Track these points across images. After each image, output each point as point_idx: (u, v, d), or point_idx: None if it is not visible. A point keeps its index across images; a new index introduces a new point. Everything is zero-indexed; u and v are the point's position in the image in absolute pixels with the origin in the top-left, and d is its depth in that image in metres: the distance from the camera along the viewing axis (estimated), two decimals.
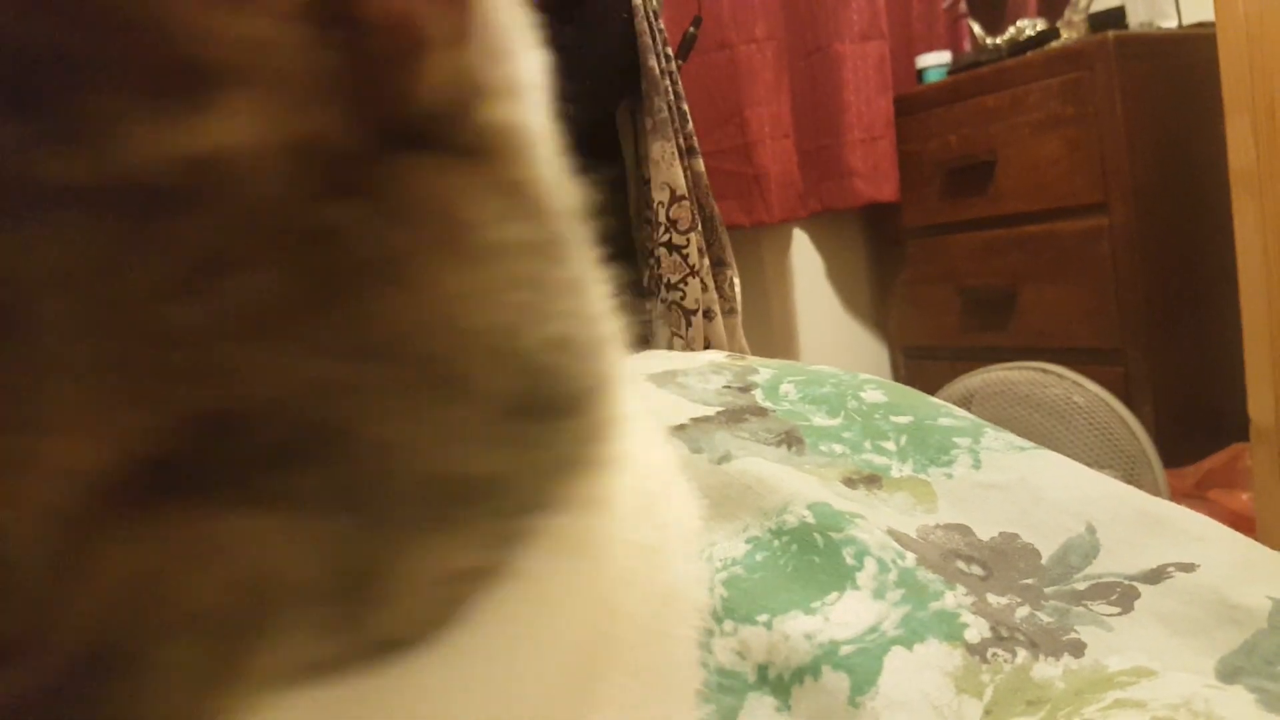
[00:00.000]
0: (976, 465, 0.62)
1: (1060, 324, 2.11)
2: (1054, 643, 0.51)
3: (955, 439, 0.64)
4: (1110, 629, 0.51)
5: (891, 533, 0.55)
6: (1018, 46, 2.10)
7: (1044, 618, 0.53)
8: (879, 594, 0.51)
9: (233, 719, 0.18)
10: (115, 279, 0.16)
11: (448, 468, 0.19)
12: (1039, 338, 2.14)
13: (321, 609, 0.18)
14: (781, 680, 0.50)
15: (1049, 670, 0.49)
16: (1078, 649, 0.50)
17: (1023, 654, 0.50)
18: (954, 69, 2.21)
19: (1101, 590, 0.54)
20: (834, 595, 0.52)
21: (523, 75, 0.23)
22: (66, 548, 0.16)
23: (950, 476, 0.62)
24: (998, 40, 2.18)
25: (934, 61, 2.24)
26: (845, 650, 0.49)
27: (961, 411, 0.68)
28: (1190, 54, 1.91)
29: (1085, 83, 1.95)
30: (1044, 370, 1.93)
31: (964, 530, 0.59)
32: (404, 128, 0.20)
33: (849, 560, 0.53)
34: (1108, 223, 1.97)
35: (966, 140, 2.15)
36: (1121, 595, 0.53)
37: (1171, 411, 1.97)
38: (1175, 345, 2.01)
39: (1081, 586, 0.55)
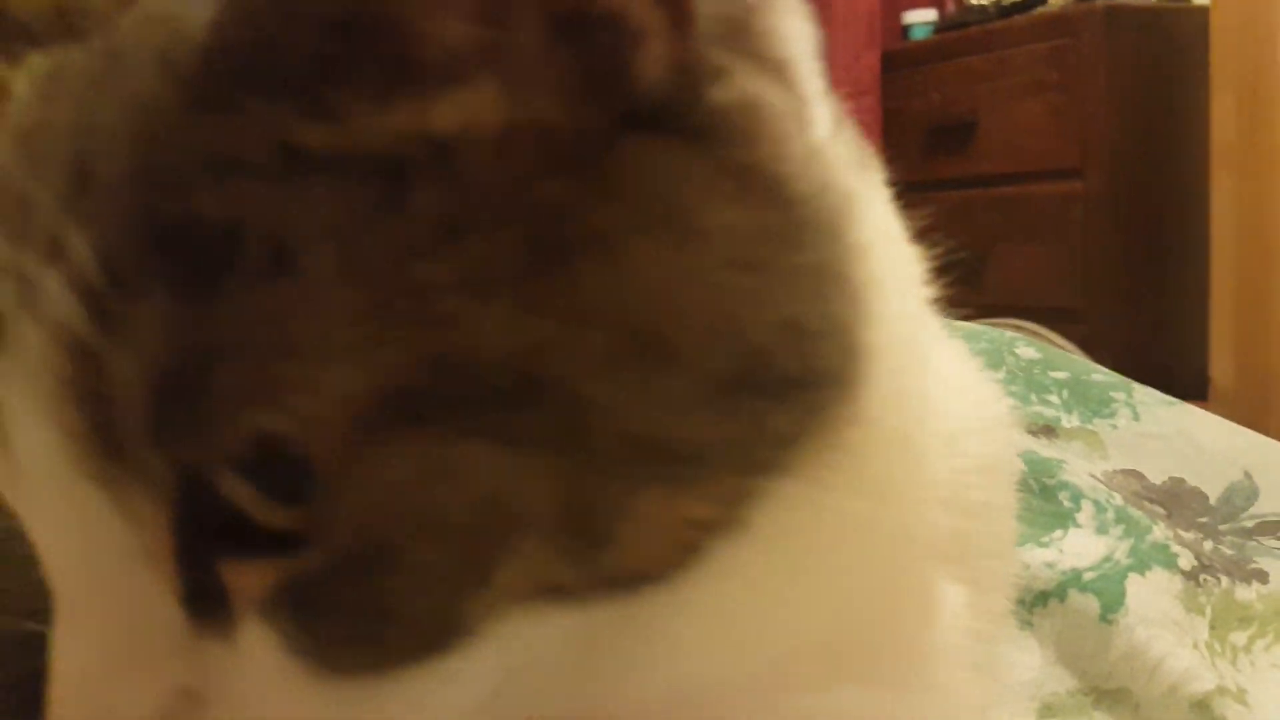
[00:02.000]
0: (1136, 417, 0.72)
1: (1027, 284, 2.24)
2: (1242, 571, 0.61)
3: (1111, 393, 0.74)
4: None
5: (1093, 475, 0.65)
6: (1005, 9, 2.21)
7: (1226, 550, 0.63)
8: (1101, 530, 0.61)
9: (487, 625, 0.22)
10: (370, 235, 0.20)
11: (657, 430, 0.22)
12: (1006, 296, 2.27)
13: (554, 538, 0.22)
14: (1022, 603, 0.59)
15: (1246, 594, 0.59)
16: (1263, 577, 0.61)
17: (1225, 580, 0.60)
18: (941, 27, 2.31)
19: (1268, 528, 0.65)
20: (1059, 532, 0.61)
21: (773, 53, 0.25)
22: (337, 457, 0.20)
23: (1115, 428, 0.71)
24: (983, 1, 2.28)
25: (920, 19, 2.33)
26: (1088, 576, 0.58)
27: (1105, 369, 0.78)
28: (1175, 27, 2.05)
29: (1071, 50, 2.07)
30: (1018, 327, 2.06)
31: (1138, 475, 0.69)
32: (637, 111, 0.22)
33: (1065, 503, 0.62)
34: (1082, 188, 2.11)
35: (950, 100, 2.27)
36: None
37: (1128, 371, 2.13)
38: (1136, 308, 2.16)
39: (1250, 525, 0.65)
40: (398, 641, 0.22)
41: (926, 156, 2.33)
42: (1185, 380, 2.05)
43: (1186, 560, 0.61)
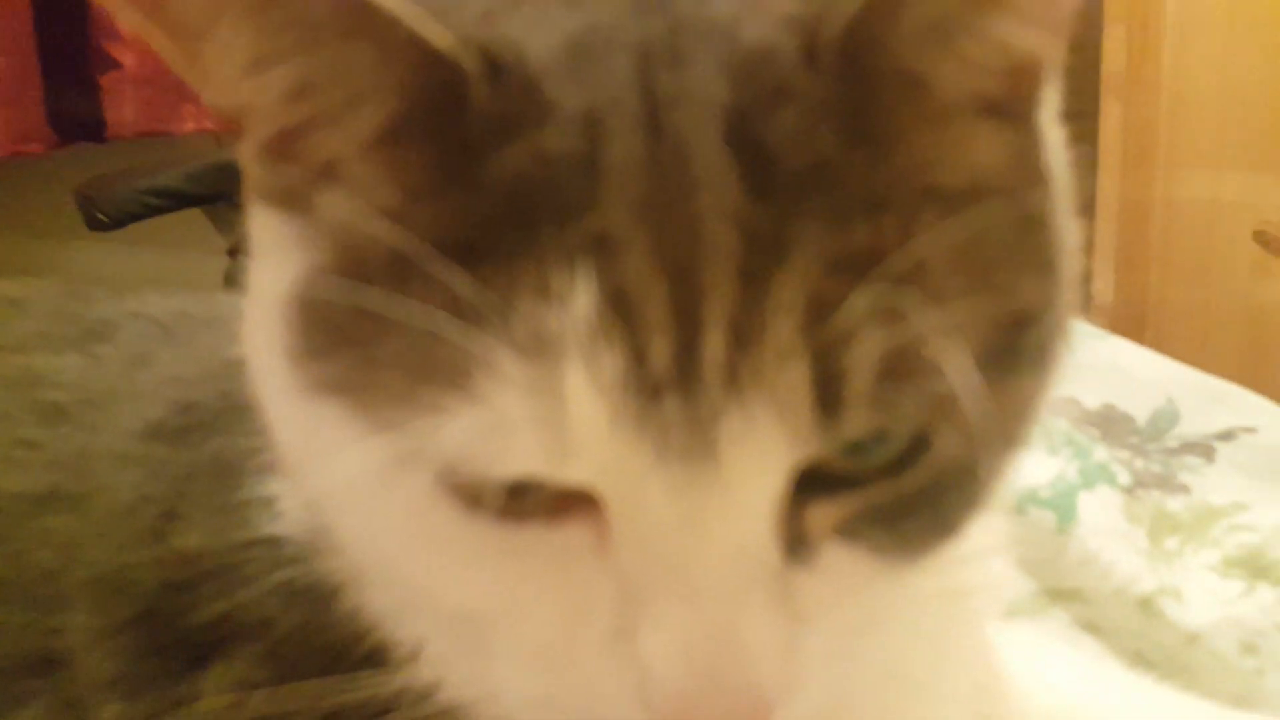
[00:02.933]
0: (1069, 348, 0.81)
1: None
2: (1169, 485, 0.71)
3: None
4: (1203, 475, 0.72)
5: None
6: None
7: (1155, 467, 0.73)
8: (1053, 451, 0.70)
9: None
10: (975, 248, 0.28)
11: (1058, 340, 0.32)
12: None
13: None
14: None
15: (1174, 505, 0.69)
16: (1186, 490, 0.71)
17: (1156, 493, 0.69)
18: None
19: (1188, 448, 0.75)
20: None
21: None
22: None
23: None
24: None
25: None
26: (1044, 494, 0.67)
27: None
28: None
29: None
30: None
31: (1075, 402, 0.78)
32: None
33: None
34: None
35: None
36: (1203, 451, 0.74)
37: None
38: None
39: (1174, 445, 0.75)
40: (957, 525, 0.30)
41: None
42: None
43: (1124, 477, 0.70)
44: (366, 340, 0.27)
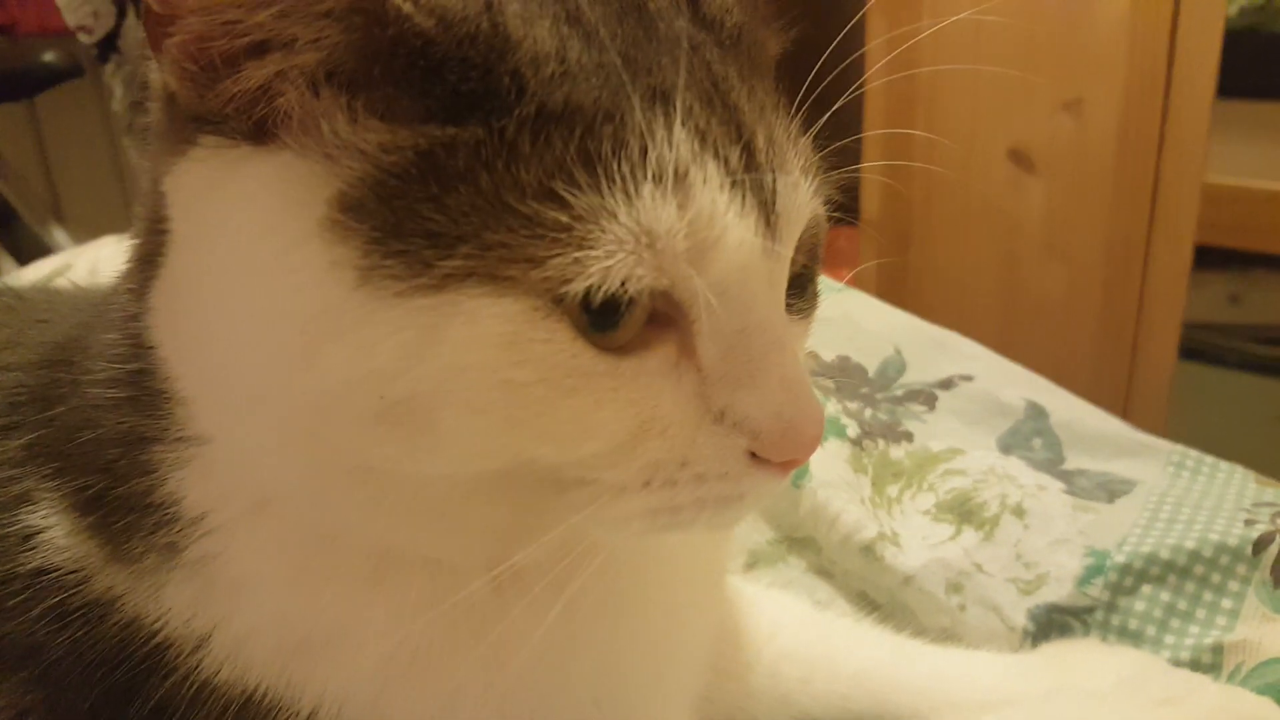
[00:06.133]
0: None
1: None
2: (894, 433, 0.81)
3: None
4: (925, 422, 0.83)
5: None
6: None
7: (882, 416, 0.83)
8: None
9: None
10: None
11: None
12: None
13: None
14: None
15: (897, 452, 0.80)
16: (909, 437, 0.81)
17: (881, 443, 0.80)
18: None
19: (913, 395, 0.86)
20: None
21: None
22: None
23: None
24: None
25: None
26: None
27: None
28: None
29: None
30: None
31: (814, 355, 0.87)
32: None
33: None
34: None
35: None
36: (926, 398, 0.85)
37: None
38: None
39: (900, 393, 0.86)
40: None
41: None
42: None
43: (853, 430, 0.80)
44: (482, 226, 0.34)
